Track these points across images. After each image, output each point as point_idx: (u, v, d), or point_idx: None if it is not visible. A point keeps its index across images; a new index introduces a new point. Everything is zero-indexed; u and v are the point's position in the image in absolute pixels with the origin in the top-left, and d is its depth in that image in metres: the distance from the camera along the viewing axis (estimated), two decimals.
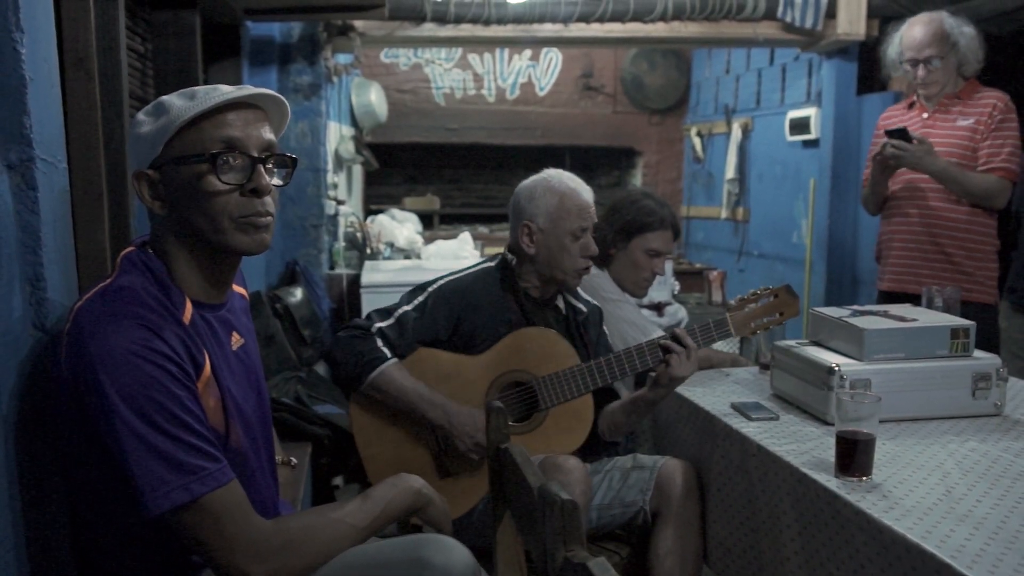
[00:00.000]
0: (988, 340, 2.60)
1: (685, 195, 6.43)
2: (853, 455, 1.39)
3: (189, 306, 1.14)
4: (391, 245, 4.80)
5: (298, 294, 3.49)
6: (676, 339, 1.79)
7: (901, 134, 2.54)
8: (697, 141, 6.09)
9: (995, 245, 2.65)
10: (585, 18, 4.07)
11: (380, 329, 1.83)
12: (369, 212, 5.72)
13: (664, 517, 1.84)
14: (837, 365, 1.70)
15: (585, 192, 1.95)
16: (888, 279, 2.74)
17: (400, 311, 1.86)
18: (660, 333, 2.26)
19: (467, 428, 1.79)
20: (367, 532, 1.18)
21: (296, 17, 3.58)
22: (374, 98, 5.44)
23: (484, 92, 6.15)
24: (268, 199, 1.15)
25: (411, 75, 6.03)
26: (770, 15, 4.15)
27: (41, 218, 1.16)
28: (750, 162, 5.50)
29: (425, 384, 1.80)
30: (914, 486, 1.37)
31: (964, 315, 2.59)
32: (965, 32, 2.63)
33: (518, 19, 4.04)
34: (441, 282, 1.93)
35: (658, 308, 3.89)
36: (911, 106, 2.77)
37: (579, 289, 2.07)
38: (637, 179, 6.57)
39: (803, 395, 1.80)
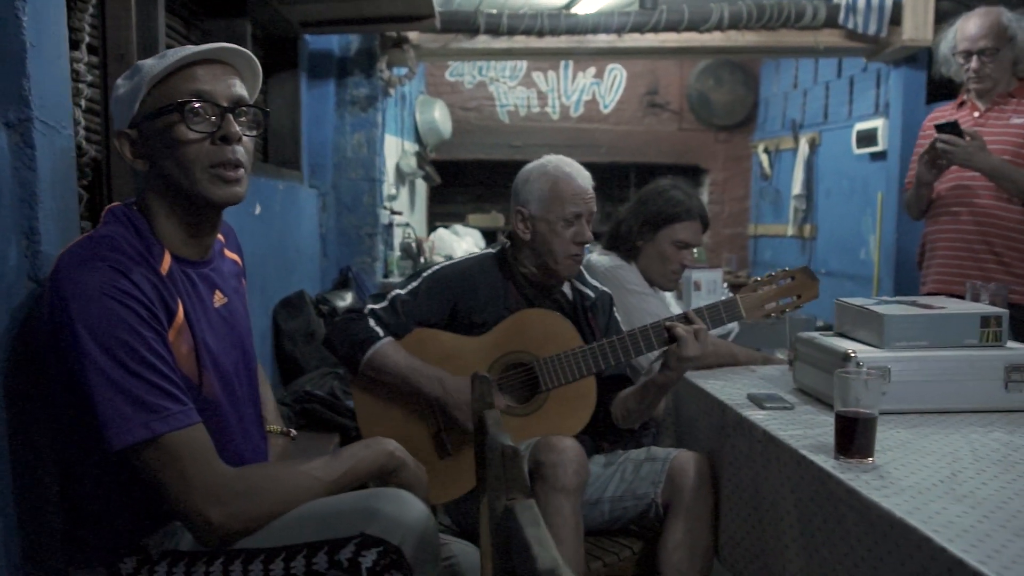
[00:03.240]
0: None
1: (752, 213, 6.29)
2: (852, 435, 1.31)
3: (168, 258, 1.18)
4: (449, 258, 4.85)
5: (348, 298, 3.56)
6: (685, 319, 1.75)
7: (952, 128, 2.41)
8: (764, 158, 5.96)
9: None
10: (639, 28, 4.06)
11: (373, 311, 1.83)
12: (433, 228, 5.81)
13: (675, 510, 1.78)
14: (853, 352, 1.62)
15: (581, 178, 1.91)
16: (932, 281, 2.60)
17: (393, 293, 1.87)
18: None
19: (463, 396, 1.76)
20: (333, 487, 1.18)
21: (349, 29, 3.69)
22: (438, 115, 5.56)
23: (548, 109, 6.19)
24: (239, 148, 1.19)
25: (476, 93, 6.12)
26: (831, 22, 4.06)
27: (38, 175, 1.22)
28: (817, 177, 5.35)
29: (421, 360, 1.80)
30: (916, 469, 1.28)
31: (1015, 319, 2.46)
32: None
33: (571, 30, 4.07)
34: (436, 267, 1.92)
35: None
36: (961, 104, 2.64)
37: (587, 274, 2.04)
38: (704, 197, 6.46)
39: (821, 385, 1.72)
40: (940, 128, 2.44)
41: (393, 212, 4.39)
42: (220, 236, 1.37)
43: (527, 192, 1.91)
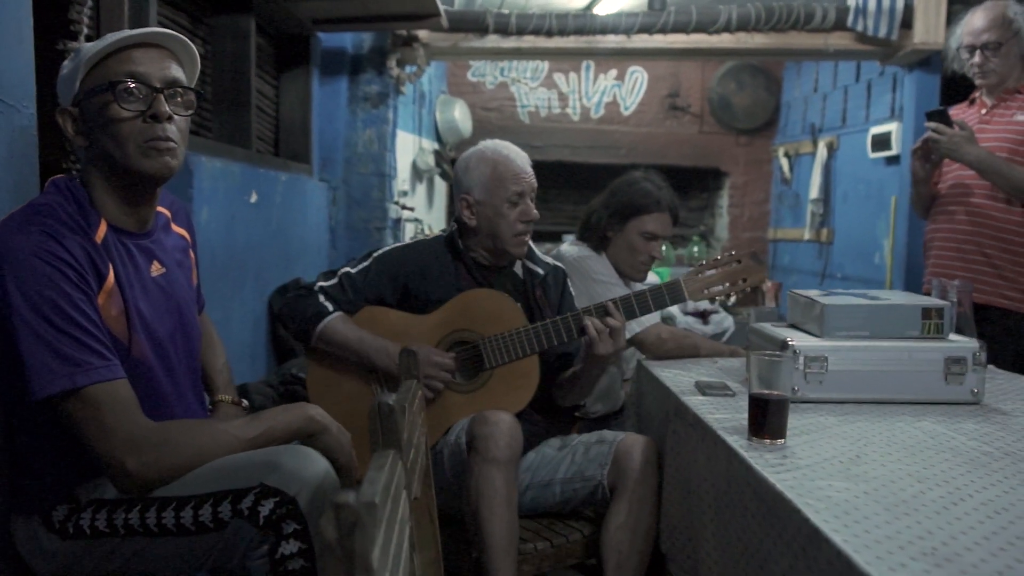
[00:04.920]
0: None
1: (772, 217, 6.25)
2: (764, 416, 1.34)
3: (104, 227, 1.27)
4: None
5: None
6: (605, 312, 1.78)
7: (941, 116, 2.37)
8: (785, 162, 5.92)
9: None
10: (647, 29, 4.08)
11: (322, 287, 1.90)
12: None
13: (619, 492, 1.81)
14: (791, 340, 1.64)
15: (519, 158, 1.96)
16: (926, 281, 2.58)
17: (343, 271, 1.93)
18: (656, 320, 2.23)
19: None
20: (249, 445, 1.25)
21: (359, 27, 3.78)
22: (458, 114, 5.63)
23: (569, 111, 6.23)
24: (170, 126, 1.27)
25: (497, 93, 6.19)
26: (841, 25, 4.03)
27: None
28: (835, 181, 5.30)
29: (369, 332, 1.86)
30: (823, 450, 1.31)
31: (1005, 327, 2.43)
32: None
33: (580, 30, 4.11)
34: (387, 248, 1.98)
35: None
36: (972, 103, 2.60)
37: (538, 252, 2.08)
38: (724, 200, 6.44)
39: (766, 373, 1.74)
40: (929, 116, 2.41)
41: (404, 207, 4.47)
42: (166, 211, 1.45)
43: (469, 180, 1.96)
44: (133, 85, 1.24)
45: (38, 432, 1.26)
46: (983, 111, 2.51)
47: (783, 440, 1.34)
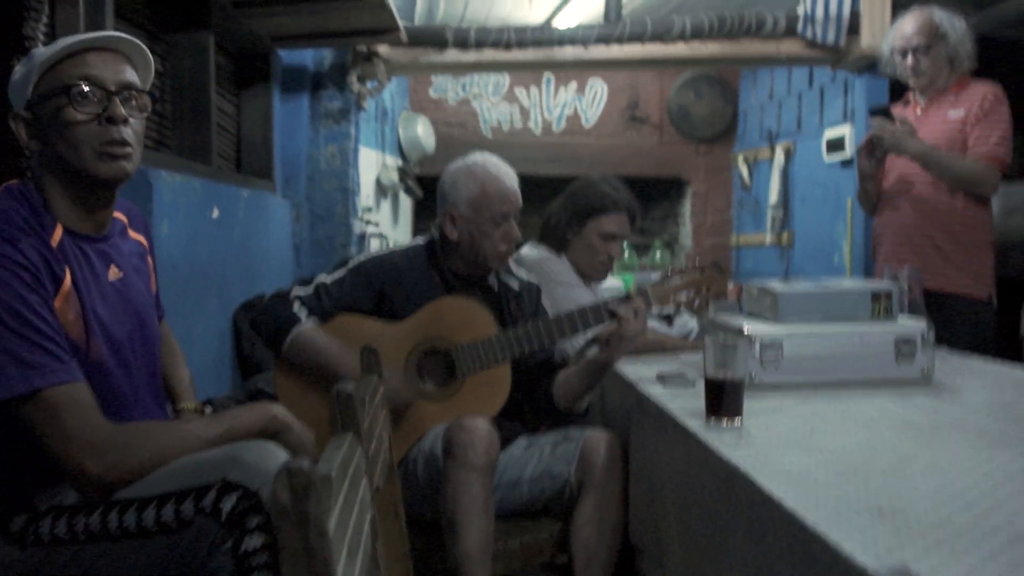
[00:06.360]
0: (981, 336, 2.48)
1: (734, 223, 6.34)
2: (721, 397, 1.37)
3: (59, 232, 1.27)
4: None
5: None
6: (627, 298, 1.84)
7: (884, 112, 2.49)
8: (744, 169, 6.03)
9: (990, 238, 2.54)
10: (604, 40, 4.15)
11: (298, 296, 1.90)
12: None
13: (586, 488, 1.83)
14: (747, 327, 1.68)
15: (508, 179, 1.98)
16: (877, 273, 2.65)
17: (318, 280, 1.93)
18: None
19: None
20: (210, 444, 1.24)
21: (319, 43, 3.80)
22: (421, 131, 5.67)
23: (531, 125, 6.28)
24: (126, 129, 1.27)
25: (459, 109, 6.23)
26: (792, 32, 4.13)
27: None
28: (793, 186, 5.41)
29: (341, 342, 1.86)
30: (778, 428, 1.34)
31: (955, 310, 2.51)
32: (956, 25, 2.58)
33: (538, 43, 4.16)
34: (363, 258, 1.98)
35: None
36: (906, 103, 2.73)
37: (514, 266, 2.11)
38: (686, 208, 6.53)
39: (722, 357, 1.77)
40: (872, 112, 2.52)
41: (368, 223, 4.48)
42: (123, 217, 1.46)
43: (455, 194, 1.97)
44: (88, 88, 1.25)
45: (9, 443, 1.25)
46: (918, 110, 2.64)
47: (740, 419, 1.37)
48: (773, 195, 5.50)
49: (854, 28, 4.03)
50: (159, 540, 1.18)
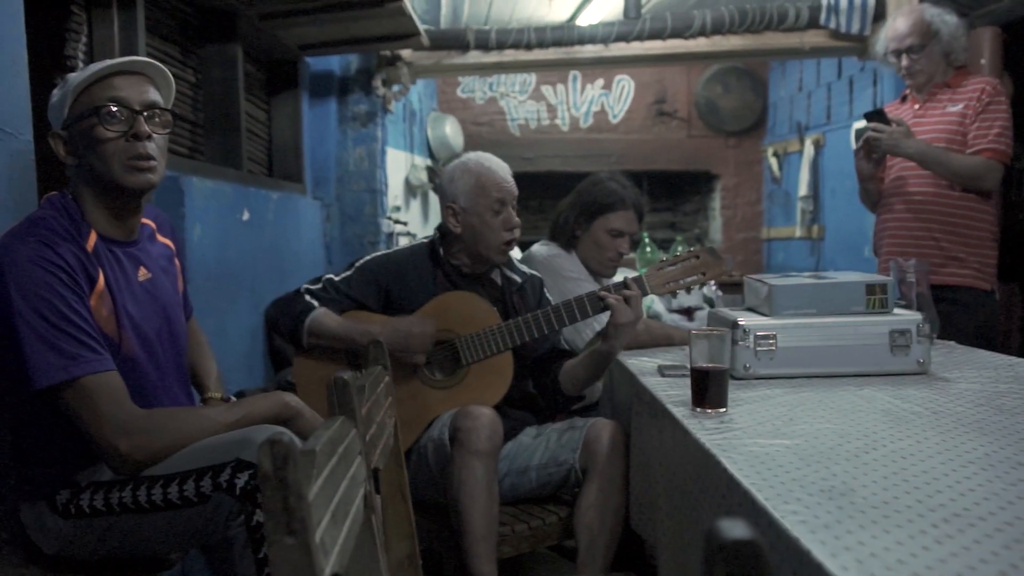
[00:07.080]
0: (985, 328, 2.49)
1: (765, 216, 6.34)
2: (705, 387, 1.44)
3: (94, 237, 1.41)
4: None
5: None
6: (624, 286, 1.90)
7: (879, 116, 2.51)
8: (774, 161, 6.02)
9: (992, 231, 2.55)
10: (624, 37, 4.20)
11: (309, 290, 2.02)
12: None
13: (590, 474, 1.91)
14: (741, 320, 1.74)
15: (500, 169, 2.08)
16: (880, 271, 2.68)
17: (327, 278, 2.05)
18: None
19: (399, 332, 1.92)
20: (228, 428, 1.38)
21: (345, 50, 3.92)
22: (449, 131, 5.77)
23: (558, 122, 6.36)
24: (150, 144, 1.41)
25: (487, 108, 6.33)
26: (815, 23, 4.13)
27: None
28: (823, 178, 5.39)
29: (354, 321, 1.97)
30: (760, 416, 1.40)
31: (958, 302, 2.52)
32: (948, 21, 2.59)
33: (558, 42, 4.23)
34: (368, 258, 2.10)
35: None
36: (904, 100, 2.74)
37: (516, 261, 2.19)
38: (716, 203, 6.54)
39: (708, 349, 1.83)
40: (868, 117, 2.54)
41: (397, 222, 4.59)
42: (151, 223, 1.58)
43: (454, 189, 2.07)
44: (115, 109, 1.38)
45: (41, 425, 1.39)
46: (916, 106, 2.65)
47: (724, 409, 1.43)
48: (803, 188, 5.49)
49: (880, 16, 4.01)
50: (183, 512, 1.32)
